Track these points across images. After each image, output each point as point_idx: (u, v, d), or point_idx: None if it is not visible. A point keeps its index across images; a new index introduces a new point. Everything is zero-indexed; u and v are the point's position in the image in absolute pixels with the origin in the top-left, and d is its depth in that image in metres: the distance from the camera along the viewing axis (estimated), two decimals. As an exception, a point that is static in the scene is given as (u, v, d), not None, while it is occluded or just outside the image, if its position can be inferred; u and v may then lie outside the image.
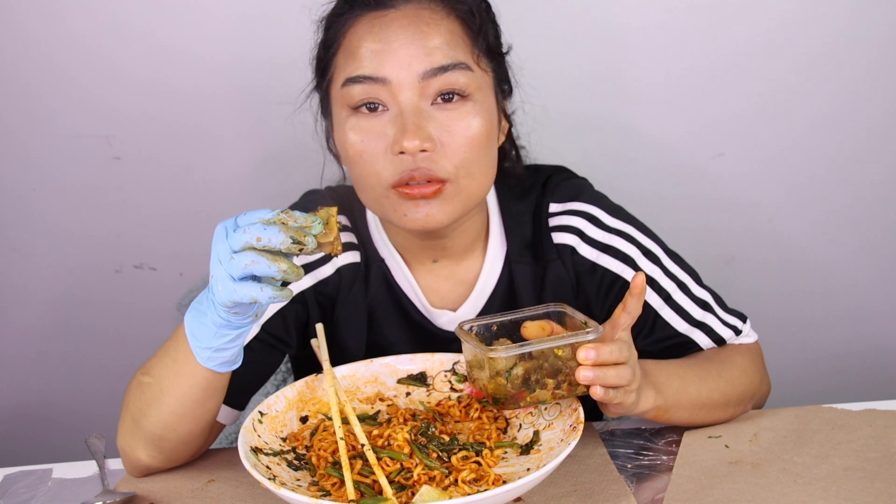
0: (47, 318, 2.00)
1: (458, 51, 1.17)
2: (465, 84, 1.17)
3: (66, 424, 2.07)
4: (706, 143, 1.89)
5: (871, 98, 1.86)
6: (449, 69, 1.15)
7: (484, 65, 1.21)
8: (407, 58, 1.15)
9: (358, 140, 1.17)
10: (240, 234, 0.95)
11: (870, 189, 1.93)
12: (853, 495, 1.07)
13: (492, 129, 1.21)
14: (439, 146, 1.16)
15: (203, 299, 1.04)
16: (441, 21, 1.18)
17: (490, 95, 1.22)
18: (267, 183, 1.89)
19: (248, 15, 1.80)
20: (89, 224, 1.93)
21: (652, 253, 1.32)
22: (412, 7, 1.18)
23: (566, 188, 1.35)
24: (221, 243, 0.97)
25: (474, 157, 1.18)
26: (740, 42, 1.83)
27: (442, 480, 1.02)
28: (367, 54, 1.16)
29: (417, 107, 1.15)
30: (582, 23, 1.81)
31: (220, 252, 0.97)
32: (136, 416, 1.14)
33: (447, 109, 1.17)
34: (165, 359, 1.11)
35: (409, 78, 1.15)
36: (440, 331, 1.33)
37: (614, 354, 1.05)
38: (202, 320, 1.04)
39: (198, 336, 1.05)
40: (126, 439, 1.17)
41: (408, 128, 1.14)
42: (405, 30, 1.16)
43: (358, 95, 1.17)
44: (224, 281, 0.96)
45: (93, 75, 1.82)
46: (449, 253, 1.31)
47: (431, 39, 1.16)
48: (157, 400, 1.12)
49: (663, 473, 1.15)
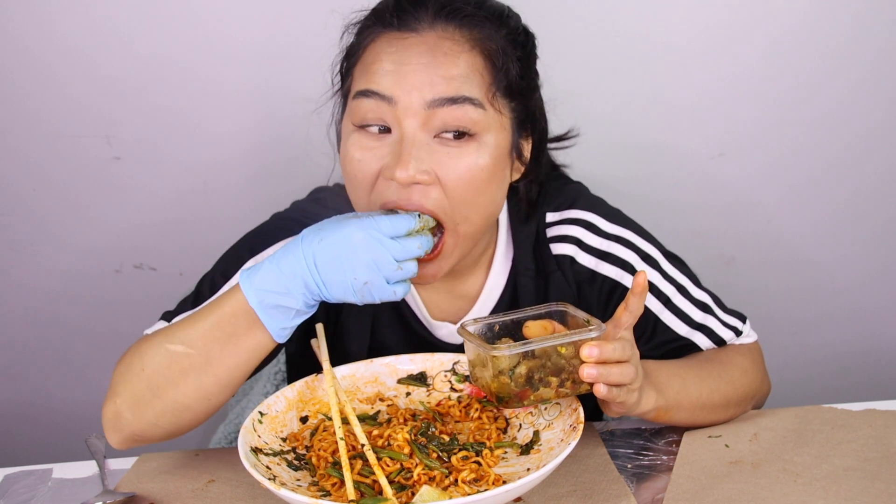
0: (47, 318, 2.00)
1: (471, 86, 1.13)
2: (473, 122, 1.13)
3: (66, 424, 2.07)
4: (706, 143, 1.89)
5: (870, 99, 1.86)
6: (458, 102, 1.12)
7: (500, 105, 1.16)
8: (417, 82, 1.12)
9: (357, 159, 1.16)
10: (401, 245, 1.07)
11: (869, 189, 1.93)
12: (853, 495, 1.07)
13: (497, 170, 1.17)
14: (435, 181, 1.13)
15: (280, 285, 1.07)
16: (461, 53, 1.14)
17: (502, 136, 1.17)
18: (267, 183, 1.89)
19: (250, 16, 1.80)
20: (89, 224, 1.93)
21: (650, 257, 1.31)
22: (434, 35, 1.15)
23: (561, 195, 1.34)
24: (378, 251, 1.05)
25: (470, 199, 1.15)
26: (741, 46, 1.83)
27: (442, 480, 1.02)
28: (380, 72, 1.14)
29: (419, 136, 1.13)
30: (586, 24, 1.81)
31: (377, 260, 1.06)
32: (157, 384, 1.12)
33: (449, 145, 1.13)
34: (215, 332, 1.10)
35: (415, 103, 1.12)
36: (440, 342, 1.33)
37: (617, 352, 1.05)
38: (284, 304, 1.08)
39: (276, 317, 1.09)
40: (125, 409, 1.13)
41: (403, 157, 1.11)
42: (422, 56, 1.13)
43: (365, 111, 1.14)
44: (381, 287, 1.07)
45: (93, 76, 1.82)
46: (451, 272, 1.30)
47: (446, 69, 1.13)
48: (200, 370, 1.11)
49: (663, 473, 1.15)
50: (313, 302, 1.10)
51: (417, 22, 1.15)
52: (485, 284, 1.32)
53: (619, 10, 1.81)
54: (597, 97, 1.72)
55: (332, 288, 1.07)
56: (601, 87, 1.82)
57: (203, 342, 1.10)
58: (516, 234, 1.33)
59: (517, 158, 1.23)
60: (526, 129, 1.24)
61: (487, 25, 1.17)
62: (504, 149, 1.18)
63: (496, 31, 1.17)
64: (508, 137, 1.19)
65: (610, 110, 1.82)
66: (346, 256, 1.05)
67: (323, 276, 1.06)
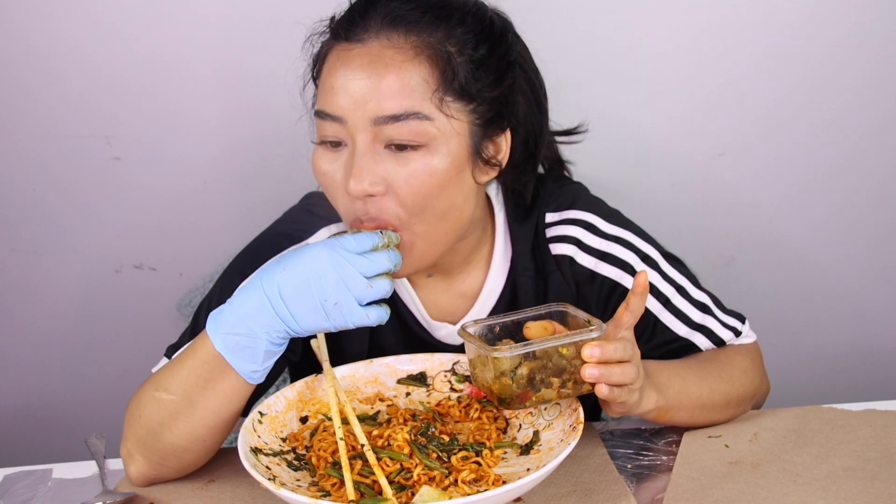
0: (47, 318, 2.00)
1: (415, 97, 1.10)
2: (418, 134, 1.10)
3: (66, 424, 2.07)
4: (706, 143, 1.89)
5: (870, 100, 1.86)
6: (401, 119, 1.09)
7: (452, 109, 1.12)
8: (361, 100, 1.10)
9: (323, 171, 1.16)
10: (369, 260, 1.05)
11: (869, 190, 1.93)
12: (853, 495, 1.07)
13: (451, 175, 1.14)
14: (389, 190, 1.12)
15: (243, 326, 1.05)
16: (403, 63, 1.11)
17: (456, 140, 1.13)
18: (267, 184, 1.89)
19: (248, 17, 1.80)
20: (89, 224, 1.93)
21: (650, 258, 1.31)
22: (377, 45, 1.12)
23: (561, 196, 1.34)
24: (345, 268, 1.03)
25: (426, 204, 1.13)
26: (741, 47, 1.83)
27: (442, 481, 1.02)
28: (330, 89, 1.13)
29: (369, 149, 1.11)
30: (585, 25, 1.81)
31: (346, 278, 1.03)
32: (153, 429, 1.13)
33: (398, 154, 1.12)
34: (191, 378, 1.10)
35: (361, 120, 1.10)
36: (439, 343, 1.33)
37: (618, 352, 1.05)
38: (250, 346, 1.06)
39: (244, 359, 1.07)
40: (134, 454, 1.16)
41: (354, 170, 1.11)
42: (364, 69, 1.11)
43: (324, 129, 1.14)
44: (352, 309, 1.04)
45: (93, 76, 1.82)
46: (442, 269, 1.30)
47: (388, 84, 1.10)
48: (187, 414, 1.11)
49: (663, 473, 1.15)
50: (280, 340, 1.07)
51: (365, 32, 1.13)
52: (483, 284, 1.32)
53: (618, 11, 1.81)
54: (596, 98, 1.72)
55: (302, 318, 1.05)
56: (601, 88, 1.82)
57: (183, 388, 1.11)
58: (514, 233, 1.33)
59: (483, 160, 1.19)
60: (497, 125, 1.19)
61: (437, 29, 1.14)
62: (460, 153, 1.14)
63: (448, 33, 1.14)
64: (465, 141, 1.15)
65: (609, 111, 1.81)
66: (314, 279, 1.03)
67: (291, 307, 1.04)
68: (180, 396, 1.10)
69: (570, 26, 1.80)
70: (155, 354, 1.29)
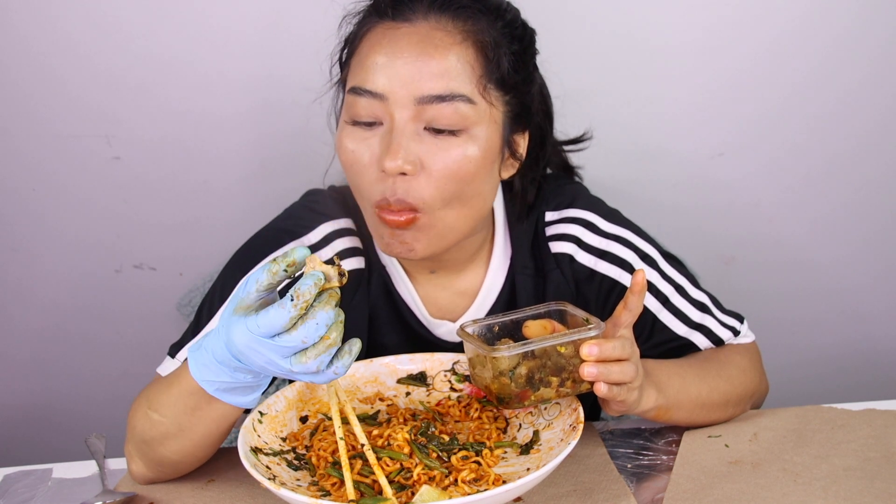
0: (47, 318, 2.00)
1: (461, 79, 1.12)
2: (462, 117, 1.12)
3: (65, 424, 2.07)
4: (706, 143, 1.89)
5: (869, 99, 1.86)
6: (447, 99, 1.11)
7: (492, 97, 1.16)
8: (407, 77, 1.12)
9: (350, 150, 1.16)
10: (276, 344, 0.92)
11: (869, 189, 1.93)
12: (853, 495, 1.07)
13: (485, 163, 1.16)
14: (421, 172, 1.13)
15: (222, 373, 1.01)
16: (452, 46, 1.13)
17: (493, 129, 1.17)
18: (267, 183, 1.89)
19: (248, 17, 1.80)
20: (89, 224, 1.93)
21: (649, 257, 1.31)
22: (427, 25, 1.14)
23: (560, 195, 1.35)
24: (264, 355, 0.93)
25: (455, 190, 1.14)
26: (741, 46, 1.83)
27: (442, 480, 1.02)
28: (372, 66, 1.14)
29: (408, 127, 1.12)
30: (585, 25, 1.81)
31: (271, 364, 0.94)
32: (147, 442, 1.13)
33: (438, 136, 1.13)
34: (179, 404, 1.08)
35: (405, 98, 1.12)
36: (439, 340, 1.33)
37: (617, 350, 1.05)
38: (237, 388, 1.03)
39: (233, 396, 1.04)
40: (134, 455, 1.17)
41: (392, 147, 1.11)
42: (412, 48, 1.12)
43: (358, 108, 1.15)
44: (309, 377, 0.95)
45: (93, 76, 1.82)
46: (446, 265, 1.30)
47: (436, 64, 1.12)
48: (177, 436, 1.11)
49: (663, 473, 1.15)
50: (262, 379, 1.04)
51: (412, 12, 1.15)
52: (483, 282, 1.32)
53: (618, 11, 1.81)
54: (596, 98, 1.72)
55: (264, 371, 0.97)
56: (601, 88, 1.82)
57: (172, 413, 1.10)
58: (514, 232, 1.33)
59: (510, 154, 1.23)
60: (521, 123, 1.23)
61: (481, 17, 1.16)
62: (494, 142, 1.17)
63: (491, 24, 1.17)
64: (500, 131, 1.18)
65: (609, 111, 1.82)
66: (249, 360, 0.96)
67: (247, 364, 0.97)
68: (170, 420, 1.10)
69: (570, 26, 1.80)
70: (155, 354, 1.29)
